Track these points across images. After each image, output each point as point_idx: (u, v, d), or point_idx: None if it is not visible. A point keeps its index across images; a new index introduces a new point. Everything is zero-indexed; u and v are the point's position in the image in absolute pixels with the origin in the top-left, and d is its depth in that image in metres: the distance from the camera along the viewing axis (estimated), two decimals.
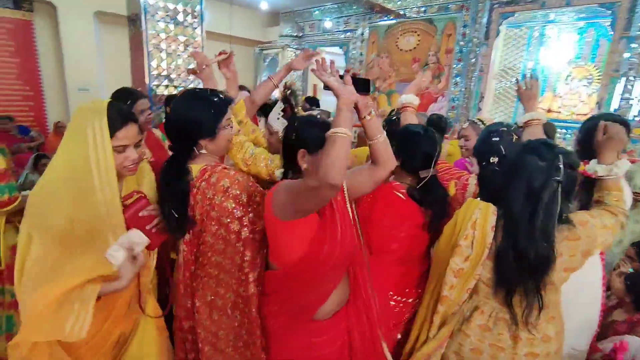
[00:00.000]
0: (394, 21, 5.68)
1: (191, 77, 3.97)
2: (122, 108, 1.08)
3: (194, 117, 1.20)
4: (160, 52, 3.68)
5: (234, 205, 1.23)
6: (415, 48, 5.52)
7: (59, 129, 5.20)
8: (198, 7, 3.84)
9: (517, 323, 1.14)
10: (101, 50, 6.05)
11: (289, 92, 2.90)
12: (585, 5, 4.20)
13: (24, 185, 3.19)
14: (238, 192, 1.24)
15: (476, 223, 1.14)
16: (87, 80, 5.89)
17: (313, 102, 4.57)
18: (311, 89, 7.49)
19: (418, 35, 5.44)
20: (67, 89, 5.84)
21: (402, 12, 5.54)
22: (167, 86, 3.74)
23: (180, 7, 3.69)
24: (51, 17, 5.67)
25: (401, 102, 1.83)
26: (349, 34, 6.40)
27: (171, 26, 3.69)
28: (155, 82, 3.72)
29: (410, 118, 1.75)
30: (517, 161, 1.12)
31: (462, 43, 5.00)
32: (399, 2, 5.55)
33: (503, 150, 1.30)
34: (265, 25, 7.87)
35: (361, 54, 6.28)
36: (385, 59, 5.95)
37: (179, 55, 3.81)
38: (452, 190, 1.45)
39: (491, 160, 1.31)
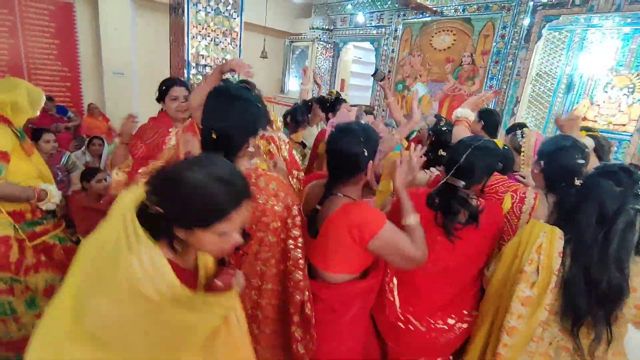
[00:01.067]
0: (429, 19, 5.59)
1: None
2: None
3: (250, 119, 1.18)
4: (200, 40, 3.73)
5: (282, 208, 1.19)
6: (449, 47, 5.43)
7: (93, 110, 5.36)
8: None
9: (583, 355, 1.09)
10: (136, 36, 6.17)
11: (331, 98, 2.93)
12: (635, 11, 4.04)
13: (67, 166, 3.30)
14: (283, 194, 1.21)
15: (541, 247, 1.10)
16: (122, 65, 6.02)
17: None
18: (339, 84, 7.47)
19: (454, 34, 5.34)
20: (103, 72, 5.99)
21: (438, 10, 5.45)
22: (205, 75, 3.80)
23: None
24: (91, 1, 5.80)
25: (456, 115, 1.84)
26: (381, 29, 6.33)
27: (211, 15, 3.74)
28: (194, 71, 3.78)
29: (463, 132, 1.75)
30: (590, 184, 1.08)
31: (500, 45, 4.89)
32: (436, 0, 5.46)
33: (581, 171, 1.25)
34: (297, 16, 7.85)
35: (393, 51, 6.21)
36: (417, 57, 5.87)
37: (217, 44, 3.86)
38: (507, 204, 1.44)
39: (576, 183, 1.23)
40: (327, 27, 7.20)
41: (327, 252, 1.21)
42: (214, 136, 1.13)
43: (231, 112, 1.15)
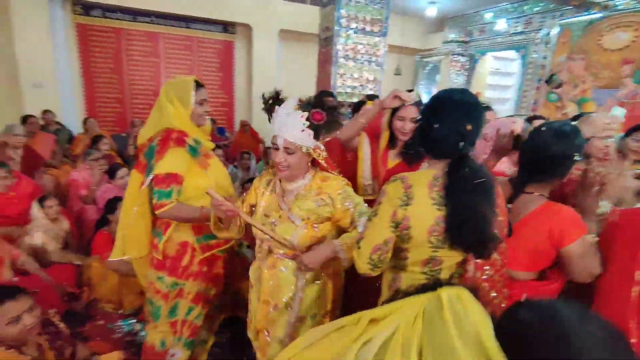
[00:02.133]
0: (599, 15, 4.76)
1: (370, 85, 4.10)
2: None
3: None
4: (346, 62, 3.91)
5: None
6: (628, 46, 4.50)
7: (244, 126, 6.00)
8: (383, 18, 3.95)
9: None
10: (281, 64, 6.89)
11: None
12: None
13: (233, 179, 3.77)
14: None
15: None
16: (269, 89, 6.77)
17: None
18: None
19: (635, 30, 4.42)
20: (252, 96, 6.84)
21: (611, 4, 4.60)
22: (350, 94, 3.95)
23: (368, 18, 3.85)
24: (247, 38, 6.74)
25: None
26: (529, 35, 5.68)
27: (359, 38, 3.88)
28: (340, 90, 3.97)
29: None
30: None
31: None
32: None
33: None
34: (428, 32, 7.69)
35: (544, 57, 5.49)
36: (579, 61, 5.04)
37: (362, 64, 3.99)
38: None
39: None
40: (462, 39, 6.83)
41: (516, 248, 1.19)
42: None
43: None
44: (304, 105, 1.29)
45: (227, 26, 6.66)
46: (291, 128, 1.26)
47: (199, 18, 6.23)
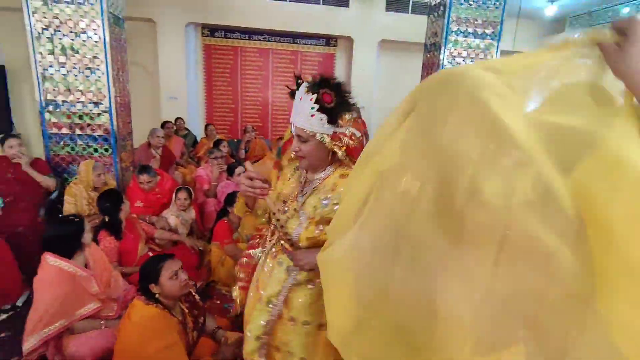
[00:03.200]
0: None
1: None
2: None
3: None
4: (455, 67, 3.76)
5: None
6: None
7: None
8: (497, 20, 3.71)
9: None
10: (379, 74, 6.96)
11: None
12: None
13: None
14: None
15: None
16: (365, 100, 6.89)
17: None
18: None
19: None
20: None
21: None
22: None
23: (480, 20, 3.66)
24: (348, 49, 6.98)
25: None
26: None
27: (469, 40, 3.71)
28: None
29: None
30: None
31: None
32: None
33: None
34: (544, 34, 6.97)
35: None
36: None
37: None
38: None
39: None
40: None
41: None
42: None
43: None
44: (313, 86, 1.12)
45: (329, 39, 6.99)
46: (301, 113, 1.14)
47: (304, 34, 6.68)
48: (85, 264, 2.02)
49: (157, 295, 1.71)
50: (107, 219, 2.52)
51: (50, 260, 1.87)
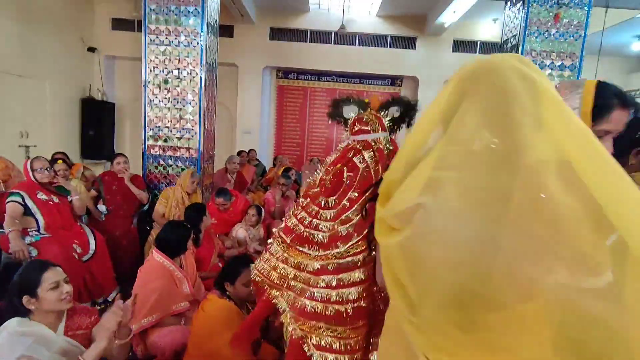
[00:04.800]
0: None
1: None
2: None
3: None
4: None
5: None
6: None
7: None
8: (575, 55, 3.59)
9: None
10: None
11: None
12: None
13: None
14: None
15: None
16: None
17: None
18: None
19: None
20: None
21: None
22: None
23: (555, 56, 3.58)
24: (413, 89, 7.13)
25: None
26: None
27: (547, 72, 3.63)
28: None
29: None
30: None
31: None
32: None
33: None
34: (631, 70, 6.50)
35: None
36: None
37: None
38: None
39: None
40: None
41: None
42: None
43: None
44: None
45: (395, 79, 7.23)
46: None
47: (371, 75, 7.01)
48: (180, 266, 2.24)
49: (228, 293, 1.83)
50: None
51: (156, 256, 2.14)
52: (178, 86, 3.64)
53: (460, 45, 6.73)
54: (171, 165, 3.73)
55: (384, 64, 6.75)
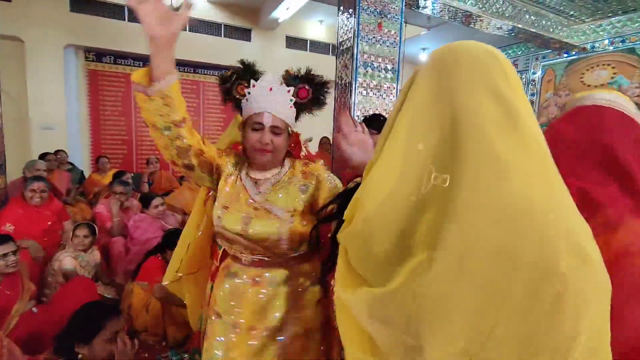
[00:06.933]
0: (577, 57, 5.30)
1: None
2: None
3: None
4: None
5: None
6: (608, 83, 4.99)
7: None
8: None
9: None
10: None
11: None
12: None
13: None
14: None
15: None
16: None
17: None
18: None
19: (612, 67, 4.93)
20: None
21: (587, 47, 5.15)
22: None
23: (382, 62, 4.15)
24: None
25: None
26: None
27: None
28: None
29: None
30: None
31: None
32: (583, 37, 5.19)
33: None
34: None
35: (533, 94, 5.97)
36: (565, 96, 5.51)
37: None
38: None
39: None
40: None
41: None
42: None
43: None
44: (291, 78, 1.14)
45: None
46: (280, 104, 1.07)
47: (206, 64, 6.51)
48: None
49: (80, 357, 1.34)
50: None
51: None
52: None
53: (293, 42, 7.03)
54: None
55: (219, 54, 6.39)
